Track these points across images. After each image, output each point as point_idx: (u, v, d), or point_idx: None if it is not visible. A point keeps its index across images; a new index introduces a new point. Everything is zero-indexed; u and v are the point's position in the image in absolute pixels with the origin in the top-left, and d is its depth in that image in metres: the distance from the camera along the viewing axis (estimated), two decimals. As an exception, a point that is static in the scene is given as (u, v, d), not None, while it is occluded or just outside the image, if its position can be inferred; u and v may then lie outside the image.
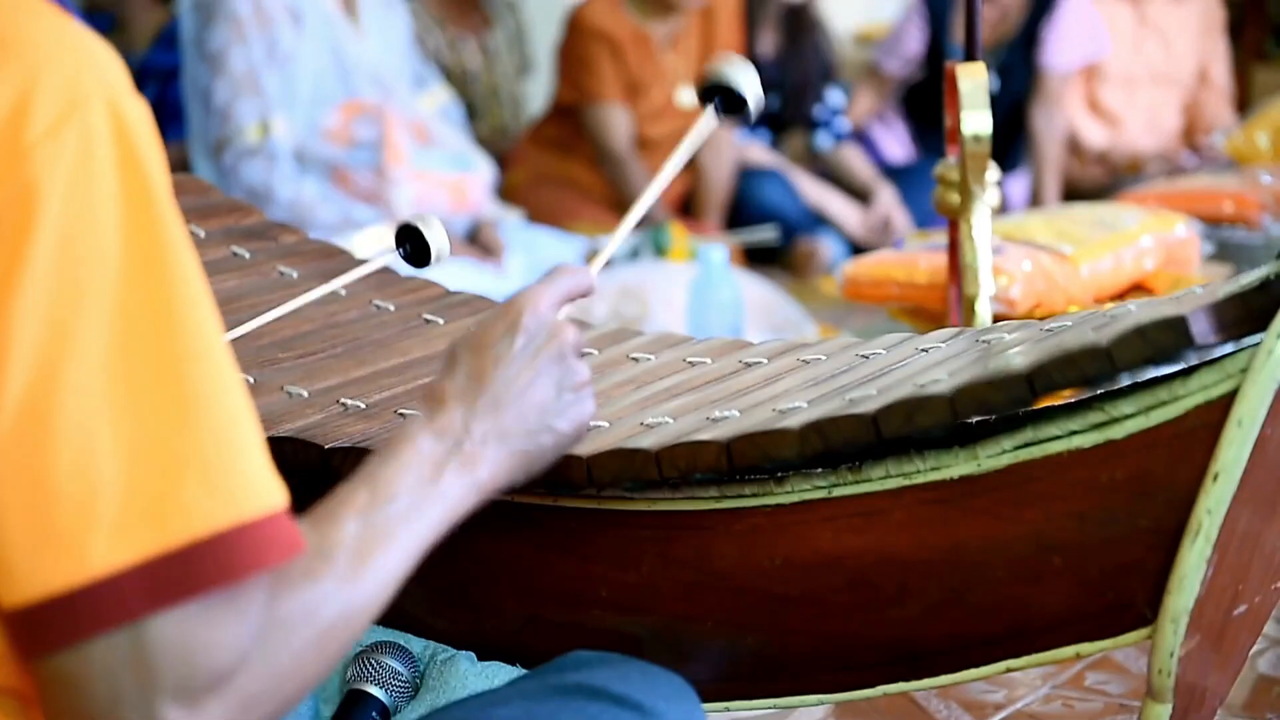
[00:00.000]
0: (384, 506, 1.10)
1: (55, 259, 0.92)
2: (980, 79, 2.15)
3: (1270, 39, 7.47)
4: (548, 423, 1.28)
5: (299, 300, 1.64)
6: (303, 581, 1.00)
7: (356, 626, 1.04)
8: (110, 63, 0.97)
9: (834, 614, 1.35)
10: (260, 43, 4.00)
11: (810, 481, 1.33)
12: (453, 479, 1.18)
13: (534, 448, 1.27)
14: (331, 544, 1.04)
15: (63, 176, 0.93)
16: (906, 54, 5.62)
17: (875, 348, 1.53)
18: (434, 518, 1.15)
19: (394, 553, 1.08)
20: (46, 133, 0.93)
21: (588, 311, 3.75)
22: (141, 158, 0.96)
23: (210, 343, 0.96)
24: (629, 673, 1.25)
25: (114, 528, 0.91)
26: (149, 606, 0.92)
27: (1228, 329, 1.24)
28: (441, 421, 1.20)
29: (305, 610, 0.99)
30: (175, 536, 0.92)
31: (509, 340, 1.28)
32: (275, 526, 0.96)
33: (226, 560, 0.93)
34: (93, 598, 0.91)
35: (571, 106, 5.01)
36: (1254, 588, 1.33)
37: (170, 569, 0.92)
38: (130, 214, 0.95)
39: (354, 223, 4.06)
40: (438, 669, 1.44)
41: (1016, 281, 2.57)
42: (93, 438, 0.92)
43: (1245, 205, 3.76)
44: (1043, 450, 1.27)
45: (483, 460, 1.21)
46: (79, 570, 0.91)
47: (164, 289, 0.95)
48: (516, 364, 1.27)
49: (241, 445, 0.96)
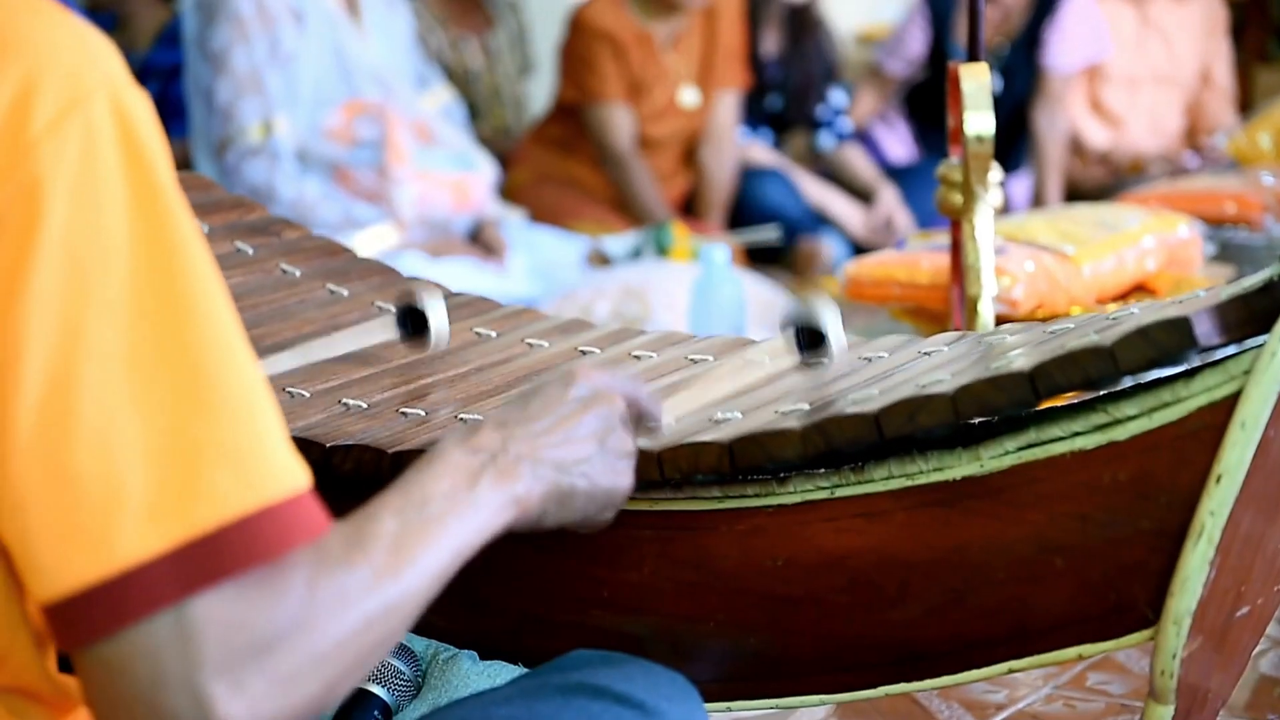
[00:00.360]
0: (420, 508, 1.09)
1: (63, 254, 0.92)
2: (983, 80, 2.15)
3: (1272, 40, 7.47)
4: (584, 469, 1.25)
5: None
6: (340, 568, 0.99)
7: (396, 621, 1.03)
8: (110, 56, 0.97)
9: (836, 614, 1.34)
10: (263, 42, 4.01)
11: (813, 482, 1.33)
12: (488, 488, 1.16)
13: (566, 485, 1.24)
14: (368, 537, 1.03)
15: (67, 171, 0.93)
16: (909, 54, 5.62)
17: (877, 350, 1.53)
18: (470, 523, 1.13)
19: (432, 551, 1.07)
20: (49, 128, 0.93)
21: (589, 311, 3.75)
22: (146, 149, 0.96)
23: (225, 329, 0.97)
24: (631, 672, 1.25)
25: (141, 518, 0.92)
26: (184, 591, 0.92)
27: (1231, 331, 1.24)
28: (476, 440, 1.19)
29: (343, 596, 0.99)
30: (203, 522, 0.93)
31: (562, 388, 1.27)
32: (300, 506, 0.97)
33: (255, 542, 0.94)
34: (126, 587, 0.92)
35: (574, 106, 5.01)
36: (1256, 589, 1.33)
37: (200, 554, 0.93)
38: (137, 205, 0.95)
39: (356, 222, 4.06)
40: (440, 668, 1.44)
41: (1019, 282, 2.57)
42: (114, 431, 0.92)
43: (1247, 206, 3.76)
44: (1045, 451, 1.27)
45: (519, 476, 1.19)
46: (110, 561, 0.92)
47: (175, 278, 0.95)
48: (565, 409, 1.25)
49: (261, 429, 0.96)
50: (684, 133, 5.13)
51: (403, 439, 1.42)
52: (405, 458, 1.39)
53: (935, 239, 2.83)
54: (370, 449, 1.41)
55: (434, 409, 1.50)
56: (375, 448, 1.41)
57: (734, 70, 5.13)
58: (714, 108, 5.11)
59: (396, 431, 1.44)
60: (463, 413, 1.47)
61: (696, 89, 5.07)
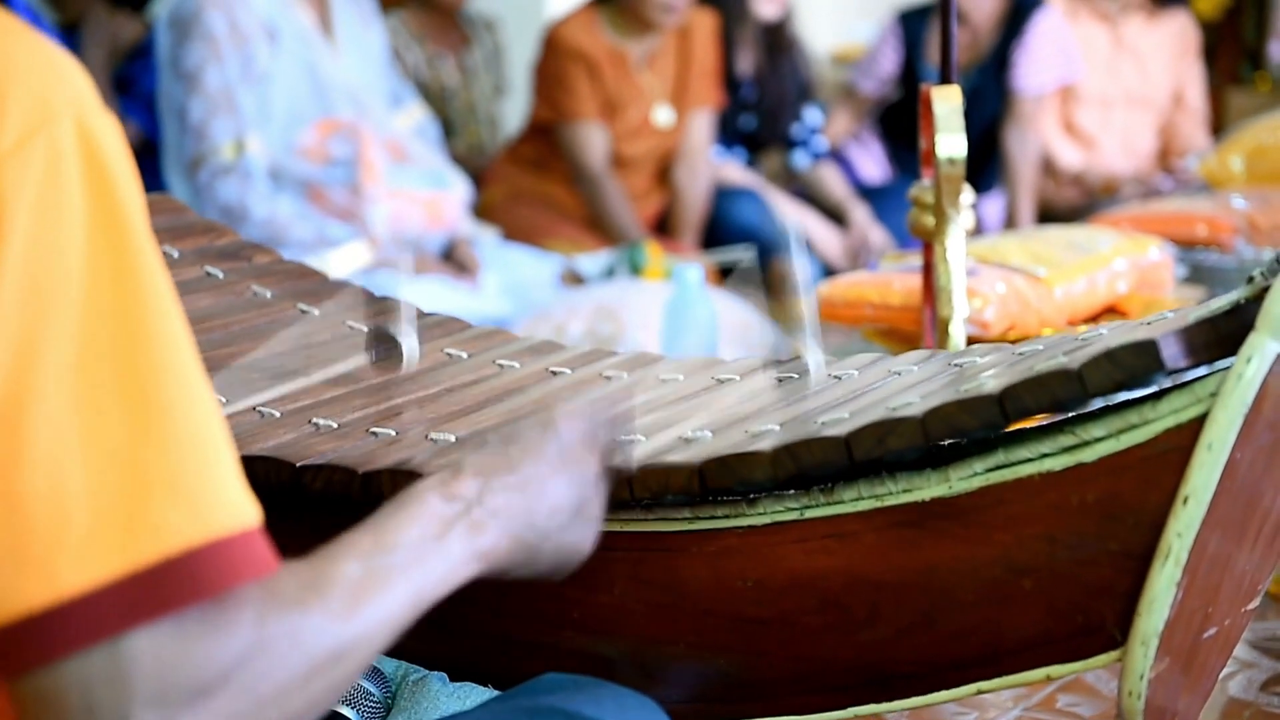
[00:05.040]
0: (386, 554, 1.08)
1: (21, 276, 0.91)
2: (955, 102, 2.15)
3: (1245, 62, 7.51)
4: (552, 530, 1.25)
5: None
6: (292, 610, 0.98)
7: (346, 668, 1.02)
8: (79, 79, 0.96)
9: (805, 635, 1.35)
10: (236, 61, 4.00)
11: (782, 503, 1.33)
12: (457, 541, 1.15)
13: (535, 543, 1.24)
14: (327, 580, 1.02)
15: (29, 193, 0.92)
16: (881, 74, 5.64)
17: (848, 368, 1.54)
18: (435, 574, 1.12)
19: (391, 599, 1.06)
20: (13, 149, 0.92)
21: (563, 330, 3.75)
22: (110, 174, 0.95)
23: (180, 359, 0.96)
24: (601, 696, 1.25)
25: (84, 547, 0.91)
26: (122, 624, 0.91)
27: (1198, 353, 1.25)
28: (455, 487, 1.18)
29: (292, 638, 0.97)
30: (146, 554, 0.92)
31: (543, 436, 1.27)
32: (247, 543, 0.95)
33: (198, 577, 0.93)
34: (65, 617, 0.90)
35: (548, 125, 5.01)
36: (1224, 610, 1.34)
37: (142, 587, 0.91)
38: (97, 230, 0.94)
39: (329, 240, 4.06)
40: (409, 689, 1.44)
41: (990, 304, 2.57)
42: (61, 457, 0.91)
43: (1218, 229, 3.78)
44: (1014, 473, 1.28)
45: (488, 530, 1.19)
46: (50, 590, 0.90)
47: (132, 305, 0.94)
48: (544, 464, 1.25)
49: (212, 462, 0.95)
50: (658, 152, 5.13)
51: (373, 459, 1.42)
52: (376, 478, 1.39)
53: (908, 260, 2.84)
54: (341, 468, 1.41)
55: (404, 429, 1.50)
56: (346, 467, 1.41)
57: (708, 90, 5.14)
58: (688, 127, 5.12)
59: (367, 451, 1.44)
60: (433, 433, 1.47)
61: (671, 108, 5.08)
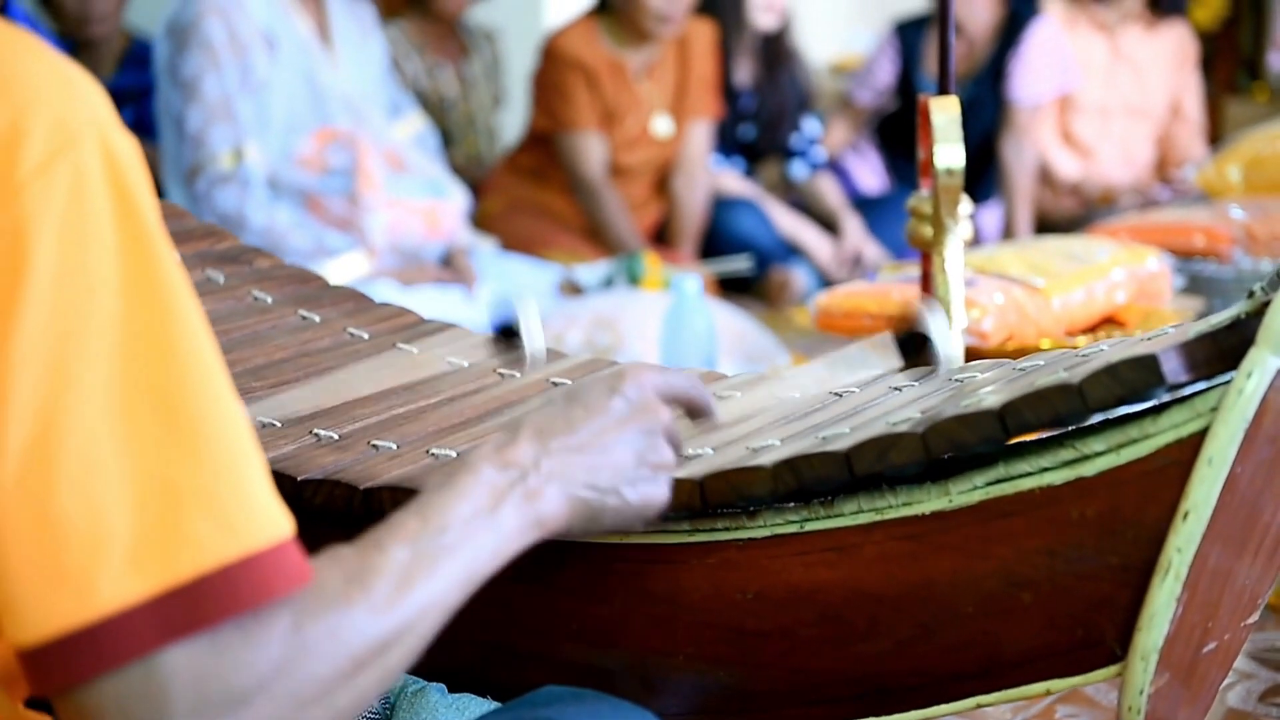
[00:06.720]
0: (435, 536, 1.07)
1: (52, 297, 0.92)
2: (953, 112, 2.15)
3: (1242, 72, 7.52)
4: (617, 487, 1.23)
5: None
6: (334, 607, 0.98)
7: (393, 658, 1.01)
8: (98, 98, 0.97)
9: (805, 648, 1.35)
10: (234, 69, 4.00)
11: (782, 516, 1.33)
12: (511, 511, 1.14)
13: (597, 504, 1.22)
14: (372, 571, 1.02)
15: (55, 213, 0.92)
16: (878, 85, 5.64)
17: (848, 384, 1.54)
18: (487, 550, 1.10)
19: (439, 582, 1.05)
20: (38, 170, 0.92)
21: (561, 340, 3.75)
22: (133, 192, 0.96)
23: (210, 374, 0.96)
24: (600, 709, 1.25)
25: (122, 564, 0.91)
26: (159, 640, 0.92)
27: (1199, 368, 1.25)
28: (510, 453, 1.17)
29: (333, 636, 0.97)
30: (183, 570, 0.92)
31: (605, 397, 1.24)
32: (281, 555, 0.96)
33: (234, 592, 0.93)
34: (103, 635, 0.91)
35: (546, 135, 5.02)
36: (1224, 625, 1.34)
37: (179, 603, 0.92)
38: (125, 248, 0.94)
39: (327, 250, 4.06)
40: (408, 700, 1.43)
41: (989, 314, 2.58)
42: (98, 477, 0.92)
43: (1216, 239, 3.78)
44: (1014, 487, 1.28)
45: (544, 496, 1.17)
46: (89, 608, 0.91)
47: (162, 324, 0.95)
48: (606, 420, 1.23)
49: (246, 476, 0.96)
50: (656, 162, 5.14)
51: (374, 473, 1.42)
52: (376, 494, 1.38)
53: (906, 271, 2.84)
54: (342, 485, 1.40)
55: (405, 441, 1.50)
56: (347, 484, 1.40)
57: (707, 100, 5.15)
58: (686, 137, 5.12)
59: (368, 465, 1.44)
60: (434, 446, 1.47)
61: (669, 118, 5.08)
